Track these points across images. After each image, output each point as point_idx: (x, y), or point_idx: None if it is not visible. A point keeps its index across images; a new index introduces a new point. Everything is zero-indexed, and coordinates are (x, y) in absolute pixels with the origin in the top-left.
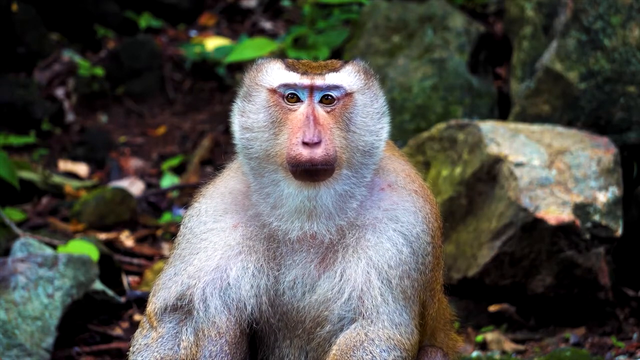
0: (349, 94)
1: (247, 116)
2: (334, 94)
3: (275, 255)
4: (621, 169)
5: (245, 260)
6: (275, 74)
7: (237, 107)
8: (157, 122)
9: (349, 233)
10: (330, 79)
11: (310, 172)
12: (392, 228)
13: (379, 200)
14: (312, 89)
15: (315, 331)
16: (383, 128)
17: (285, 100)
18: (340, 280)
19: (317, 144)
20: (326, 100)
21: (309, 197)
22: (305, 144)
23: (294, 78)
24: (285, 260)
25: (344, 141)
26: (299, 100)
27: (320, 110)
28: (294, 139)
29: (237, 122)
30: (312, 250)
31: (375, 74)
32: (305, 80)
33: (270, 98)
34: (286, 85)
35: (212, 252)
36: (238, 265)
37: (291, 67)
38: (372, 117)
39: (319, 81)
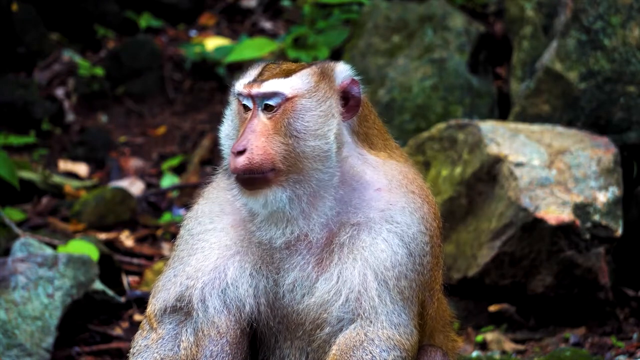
0: (289, 99)
1: (224, 123)
2: (272, 101)
3: (272, 259)
4: (621, 169)
5: (242, 261)
6: (242, 81)
7: (225, 113)
8: (157, 122)
9: (342, 231)
10: (267, 86)
11: (243, 180)
12: (387, 229)
13: (375, 200)
14: (253, 97)
15: (316, 333)
16: (330, 130)
17: (243, 109)
18: (337, 282)
19: (241, 152)
20: (269, 107)
21: (263, 204)
22: (233, 153)
23: (240, 86)
24: (283, 263)
25: (283, 147)
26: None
27: (262, 118)
28: (230, 148)
29: (221, 129)
30: (306, 251)
31: (328, 74)
32: (245, 89)
33: (237, 106)
34: (239, 94)
35: (209, 252)
36: (235, 265)
37: (251, 75)
38: (316, 121)
39: (255, 90)
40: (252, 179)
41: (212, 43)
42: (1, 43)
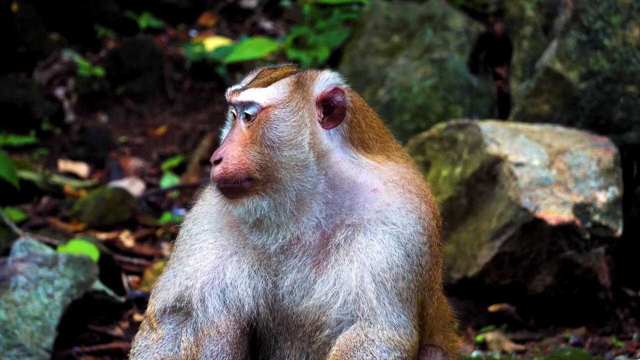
0: (264, 109)
1: (225, 128)
2: (249, 110)
3: (270, 261)
4: (621, 169)
5: (240, 261)
6: (231, 88)
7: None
8: (157, 122)
9: (338, 232)
10: (244, 96)
11: (221, 189)
12: (383, 230)
13: (370, 201)
14: (234, 105)
15: (315, 334)
16: (304, 140)
17: (233, 116)
18: (335, 284)
19: (217, 162)
20: (248, 116)
21: (246, 212)
22: (211, 161)
23: (227, 93)
24: (281, 266)
25: (259, 156)
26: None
27: (242, 127)
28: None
29: (222, 133)
30: (301, 253)
31: (304, 83)
32: (228, 97)
33: (230, 114)
34: (227, 101)
35: (207, 252)
36: (234, 265)
37: (243, 81)
38: (289, 131)
39: (234, 98)
40: (228, 188)
41: (212, 43)
42: (1, 43)
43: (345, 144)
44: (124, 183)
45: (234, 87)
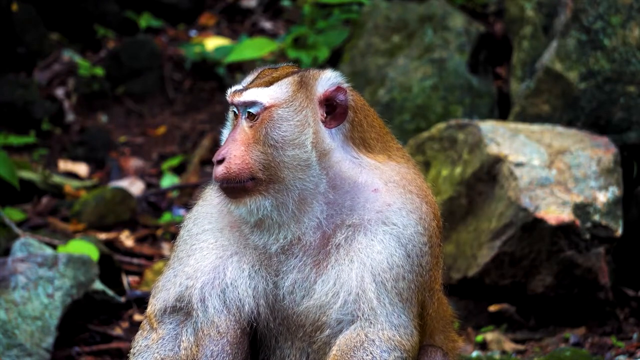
0: (267, 109)
1: (225, 128)
2: (253, 110)
3: (270, 262)
4: (621, 169)
5: (240, 261)
6: (232, 88)
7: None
8: (157, 122)
9: (338, 232)
10: (247, 95)
11: (224, 189)
12: (384, 230)
13: (371, 202)
14: (236, 105)
15: (316, 335)
16: (307, 139)
17: (234, 115)
18: (335, 284)
19: (220, 161)
20: (251, 115)
21: (248, 212)
22: (214, 161)
23: (228, 94)
24: (281, 266)
25: (262, 156)
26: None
27: (245, 127)
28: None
29: (223, 133)
30: (302, 254)
31: (307, 83)
32: (229, 98)
33: (231, 112)
34: (229, 102)
35: (207, 252)
36: (234, 265)
37: (244, 81)
38: (293, 130)
39: (237, 98)
40: (231, 188)
41: (212, 43)
42: (1, 43)
43: (347, 143)
44: (124, 183)
45: (235, 88)
